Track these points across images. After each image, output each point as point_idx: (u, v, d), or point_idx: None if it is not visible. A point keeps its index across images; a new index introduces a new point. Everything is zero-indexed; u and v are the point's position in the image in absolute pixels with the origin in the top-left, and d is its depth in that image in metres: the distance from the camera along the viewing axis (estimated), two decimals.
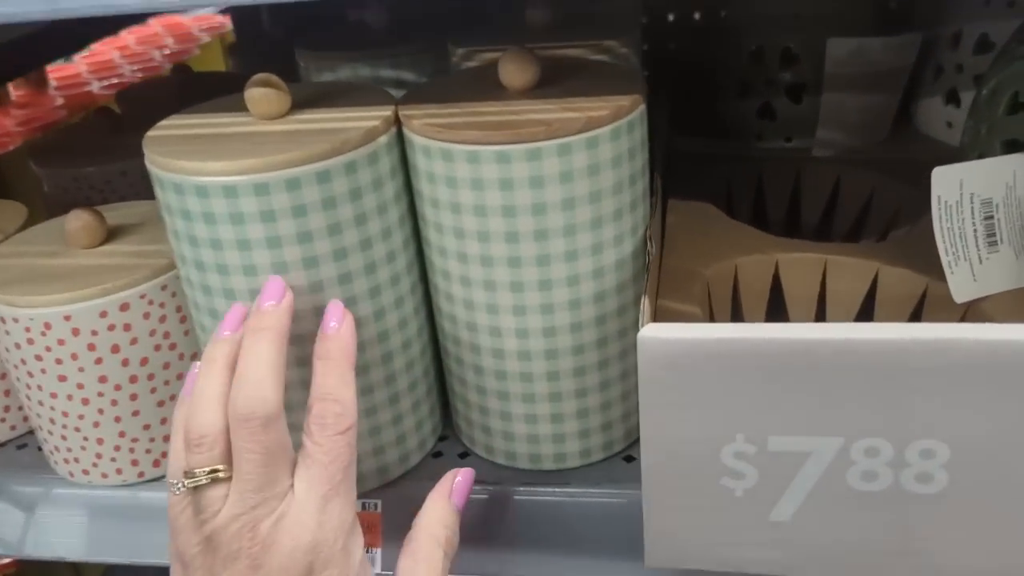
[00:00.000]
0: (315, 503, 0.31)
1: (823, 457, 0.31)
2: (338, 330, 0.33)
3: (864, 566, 0.32)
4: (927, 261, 0.38)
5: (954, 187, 0.38)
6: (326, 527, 0.31)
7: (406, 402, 0.40)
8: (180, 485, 0.31)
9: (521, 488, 0.40)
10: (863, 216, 0.50)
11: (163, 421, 0.43)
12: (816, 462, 0.31)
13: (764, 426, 0.31)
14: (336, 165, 0.34)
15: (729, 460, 0.32)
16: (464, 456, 0.43)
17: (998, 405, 0.29)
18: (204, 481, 0.30)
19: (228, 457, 0.31)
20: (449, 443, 0.44)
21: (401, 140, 0.37)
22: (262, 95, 0.37)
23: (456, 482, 0.37)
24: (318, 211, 0.34)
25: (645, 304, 0.32)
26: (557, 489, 0.40)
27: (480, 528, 0.41)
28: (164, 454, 0.44)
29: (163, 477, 0.43)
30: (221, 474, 0.30)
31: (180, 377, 0.42)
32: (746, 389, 0.30)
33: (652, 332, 0.30)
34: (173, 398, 0.42)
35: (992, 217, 0.38)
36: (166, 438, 0.43)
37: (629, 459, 0.41)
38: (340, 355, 0.33)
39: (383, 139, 0.36)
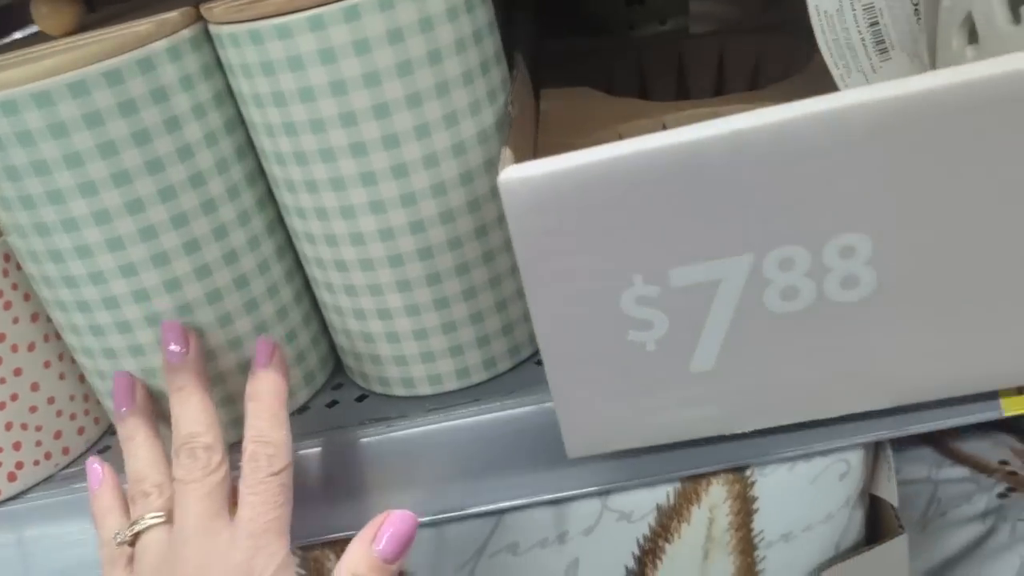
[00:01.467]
0: (246, 541, 0.31)
1: (734, 282, 0.27)
2: (267, 369, 0.33)
3: (802, 400, 0.28)
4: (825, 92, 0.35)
5: None
6: (256, 566, 0.30)
7: (278, 330, 0.36)
8: (121, 536, 0.32)
9: (429, 416, 0.36)
10: (754, 82, 0.47)
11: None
12: (728, 290, 0.27)
13: (661, 259, 0.27)
14: (128, 63, 0.29)
15: (631, 308, 0.27)
16: (361, 400, 0.38)
17: (911, 172, 0.25)
18: (145, 526, 0.31)
19: (170, 505, 0.32)
20: (345, 389, 0.39)
21: (211, 40, 0.32)
22: (49, 9, 0.32)
23: (381, 527, 0.31)
24: (116, 118, 0.29)
25: (506, 153, 0.28)
26: (465, 409, 0.35)
27: (397, 468, 0.36)
28: None
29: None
30: (162, 518, 0.32)
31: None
32: (631, 219, 0.26)
33: (512, 173, 0.26)
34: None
35: (877, 23, 0.35)
36: None
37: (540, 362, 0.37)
38: (270, 395, 0.33)
39: (186, 33, 0.31)
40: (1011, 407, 0.32)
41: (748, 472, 0.39)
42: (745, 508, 0.40)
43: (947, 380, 0.28)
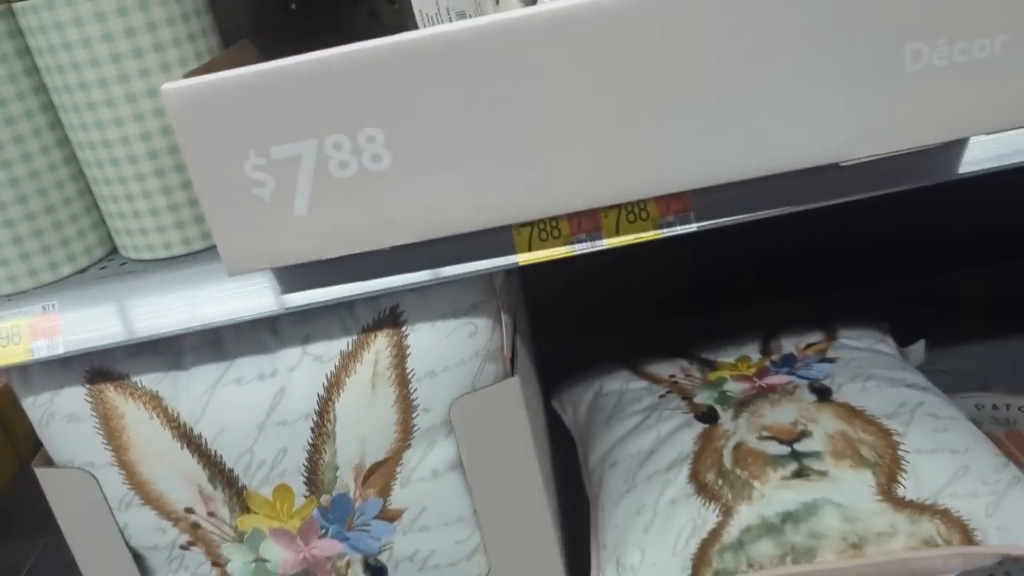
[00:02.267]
0: None
1: (309, 157, 0.45)
2: None
3: (366, 238, 0.47)
4: None
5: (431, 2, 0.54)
6: None
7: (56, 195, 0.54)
8: None
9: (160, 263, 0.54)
10: None
11: None
12: (306, 161, 0.45)
13: (265, 140, 0.45)
14: None
15: (251, 173, 0.46)
16: (124, 264, 0.56)
17: (404, 93, 0.44)
18: None
19: None
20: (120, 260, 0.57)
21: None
22: None
23: None
24: None
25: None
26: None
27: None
28: None
29: None
30: None
31: None
32: (247, 116, 0.44)
33: (172, 86, 0.44)
34: None
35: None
36: None
37: None
38: None
39: None
40: (525, 260, 0.51)
41: (404, 328, 0.57)
42: (401, 353, 0.58)
43: (456, 221, 0.47)
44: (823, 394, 0.69)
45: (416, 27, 0.53)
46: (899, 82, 0.43)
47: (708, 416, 0.70)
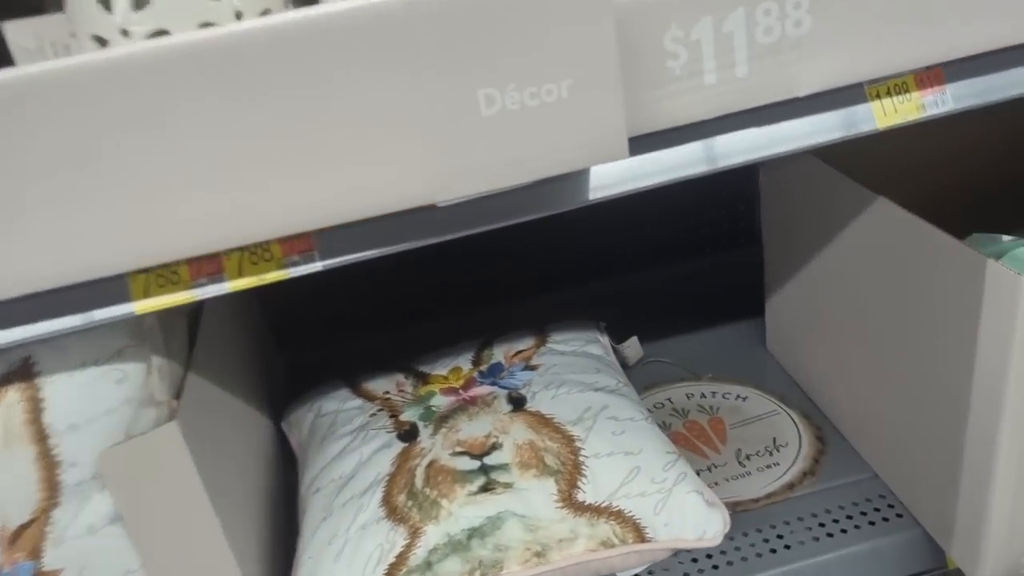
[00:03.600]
0: None
1: None
2: None
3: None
4: None
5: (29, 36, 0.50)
6: None
7: None
8: None
9: None
10: None
11: None
12: None
13: None
14: None
15: None
16: None
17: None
18: None
19: None
20: None
21: None
22: None
23: None
24: None
25: None
26: None
27: None
28: None
29: None
30: None
31: None
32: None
33: None
34: None
35: None
36: None
37: None
38: None
39: None
40: (142, 308, 0.48)
41: (37, 380, 0.53)
42: (35, 407, 0.54)
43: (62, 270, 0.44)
44: (519, 404, 0.71)
45: None
46: (478, 126, 0.43)
47: (409, 434, 0.70)
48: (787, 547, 0.69)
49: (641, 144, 0.49)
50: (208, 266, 0.49)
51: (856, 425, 0.76)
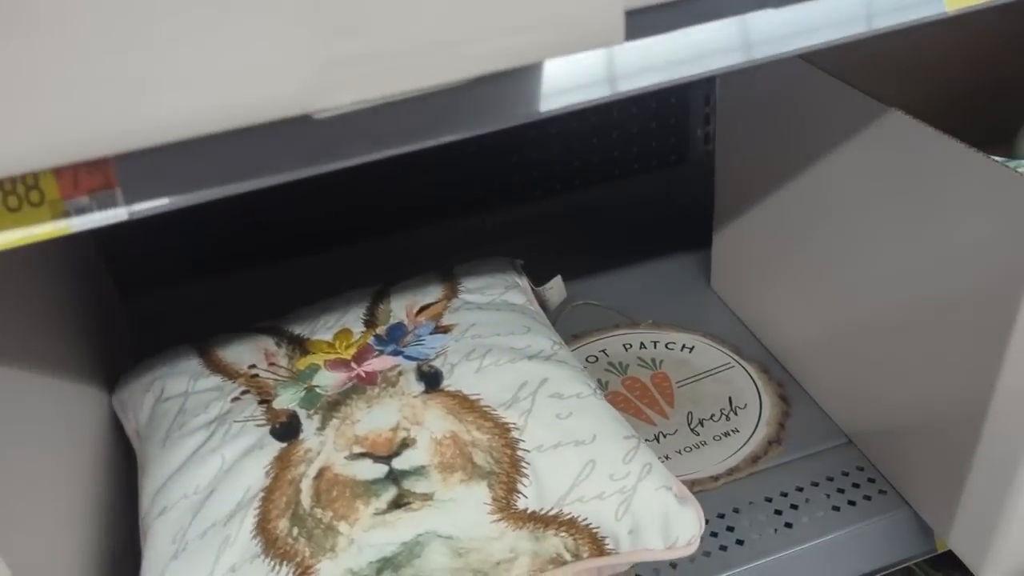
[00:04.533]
0: None
1: None
2: None
3: None
4: None
5: None
6: None
7: None
8: None
9: None
10: None
11: None
12: None
13: None
14: None
15: None
16: None
17: None
18: None
19: None
20: None
21: None
22: None
23: None
24: None
25: None
26: None
27: None
28: None
29: None
30: None
31: None
32: None
33: None
34: None
35: None
36: None
37: None
38: None
39: None
40: None
41: None
42: None
43: None
44: (433, 381, 0.54)
45: None
46: None
47: (288, 429, 0.53)
48: (757, 536, 0.58)
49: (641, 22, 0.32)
50: None
51: (826, 381, 0.65)
